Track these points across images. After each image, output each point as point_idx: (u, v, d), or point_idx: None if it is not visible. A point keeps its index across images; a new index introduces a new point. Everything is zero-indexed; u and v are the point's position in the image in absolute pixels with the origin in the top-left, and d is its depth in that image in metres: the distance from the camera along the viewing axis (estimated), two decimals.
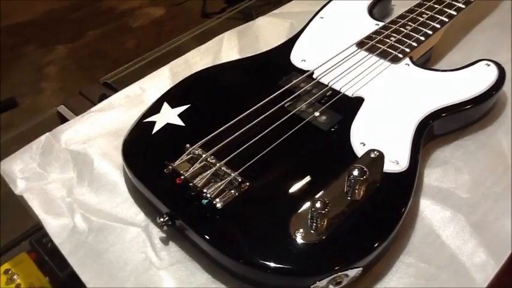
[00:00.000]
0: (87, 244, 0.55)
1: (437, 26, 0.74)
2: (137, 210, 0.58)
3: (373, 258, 0.50)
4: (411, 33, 0.73)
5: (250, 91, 0.67)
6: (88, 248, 0.54)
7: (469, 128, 0.66)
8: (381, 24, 0.76)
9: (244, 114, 0.61)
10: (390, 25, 0.75)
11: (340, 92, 0.65)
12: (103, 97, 0.74)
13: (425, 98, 0.63)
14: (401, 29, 0.74)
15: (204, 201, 0.51)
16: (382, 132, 0.59)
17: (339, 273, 0.47)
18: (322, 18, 0.80)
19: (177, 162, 0.55)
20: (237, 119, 0.60)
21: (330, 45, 0.73)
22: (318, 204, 0.49)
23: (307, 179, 0.54)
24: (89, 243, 0.55)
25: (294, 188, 0.53)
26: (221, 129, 0.59)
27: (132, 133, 0.62)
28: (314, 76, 0.67)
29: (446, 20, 0.75)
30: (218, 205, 0.51)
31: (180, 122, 0.62)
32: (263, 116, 0.60)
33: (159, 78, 0.75)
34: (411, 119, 0.60)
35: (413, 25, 0.74)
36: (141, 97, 0.73)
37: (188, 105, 0.64)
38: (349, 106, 0.63)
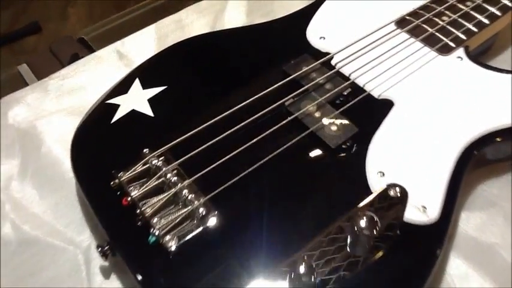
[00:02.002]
0: (10, 262, 0.43)
1: (510, 3, 0.55)
2: (84, 224, 0.46)
3: None
4: (472, 12, 0.55)
5: (246, 77, 0.51)
6: (10, 267, 0.43)
7: None
8: None
9: (230, 111, 0.46)
10: None
11: (364, 91, 0.48)
12: (74, 58, 0.60)
13: (480, 111, 0.46)
14: (459, 4, 0.56)
15: (151, 239, 0.38)
16: (411, 158, 0.43)
17: None
18: None
19: (127, 175, 0.42)
20: (219, 117, 0.45)
21: (361, 19, 0.56)
22: (301, 269, 0.35)
23: (298, 217, 0.40)
24: (13, 261, 0.43)
25: (278, 231, 0.39)
26: (195, 131, 0.44)
27: (88, 119, 0.49)
28: (333, 62, 0.51)
29: None
30: (169, 246, 0.38)
31: (148, 111, 0.48)
32: (254, 117, 0.45)
33: (143, 41, 0.60)
34: (455, 142, 0.44)
35: (479, 1, 0.56)
36: (118, 63, 0.58)
37: (164, 87, 0.50)
38: (371, 113, 0.47)
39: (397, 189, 0.41)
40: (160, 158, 0.42)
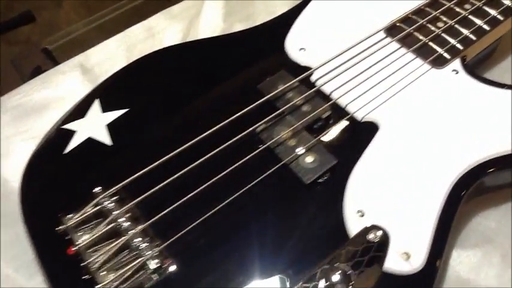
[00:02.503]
0: None
1: None
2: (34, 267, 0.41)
3: None
4: (471, 17, 0.49)
5: (217, 97, 0.46)
6: None
7: None
8: None
9: (196, 140, 0.41)
10: (441, 0, 0.50)
11: (346, 113, 0.43)
12: (36, 71, 0.55)
13: (477, 136, 0.40)
14: (457, 8, 0.49)
15: None
16: (396, 195, 0.38)
17: None
18: None
19: (75, 218, 0.37)
20: (182, 148, 0.40)
21: (347, 26, 0.50)
22: None
23: (265, 265, 0.35)
24: None
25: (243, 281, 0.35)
26: (154, 164, 0.40)
27: (42, 147, 0.44)
28: (313, 78, 0.46)
29: None
30: None
31: (106, 138, 0.43)
32: (221, 147, 0.40)
33: (109, 52, 0.55)
34: (447, 174, 0.38)
35: (477, 2, 0.50)
36: (82, 79, 0.53)
37: (125, 110, 0.45)
38: (353, 140, 0.41)
39: (378, 232, 0.36)
40: (114, 198, 0.38)
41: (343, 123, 0.42)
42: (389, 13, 0.50)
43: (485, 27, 0.48)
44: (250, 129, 0.41)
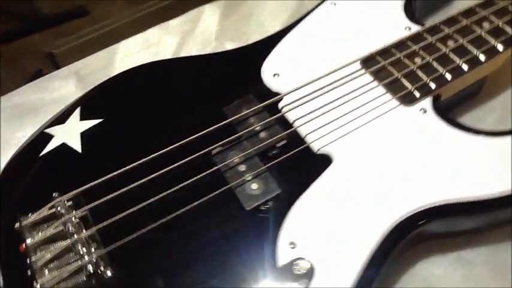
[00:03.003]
0: None
1: (500, 48, 0.48)
2: None
3: None
4: (451, 54, 0.48)
5: (184, 115, 0.48)
6: None
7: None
8: (415, 29, 0.51)
9: (154, 155, 0.43)
10: (426, 34, 0.50)
11: (303, 143, 0.44)
12: (37, 75, 0.60)
13: (430, 179, 0.40)
14: (439, 44, 0.49)
15: None
16: (333, 230, 0.38)
17: None
18: (335, 4, 0.55)
19: (30, 218, 0.41)
20: (141, 161, 0.43)
21: (326, 53, 0.51)
22: None
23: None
24: None
25: None
26: (111, 175, 0.42)
27: (23, 148, 0.48)
28: (281, 105, 0.47)
29: None
30: None
31: (77, 146, 0.46)
32: (176, 164, 0.42)
33: (103, 62, 0.58)
34: (387, 216, 0.38)
35: (462, 41, 0.48)
36: (76, 87, 0.57)
37: (100, 120, 0.48)
38: (304, 171, 0.42)
39: (303, 267, 0.36)
40: (68, 203, 0.41)
41: (299, 153, 0.43)
42: (370, 44, 0.50)
43: (464, 67, 0.47)
44: (206, 150, 0.43)
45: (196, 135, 0.44)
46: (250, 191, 0.41)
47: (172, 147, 0.43)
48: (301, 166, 0.43)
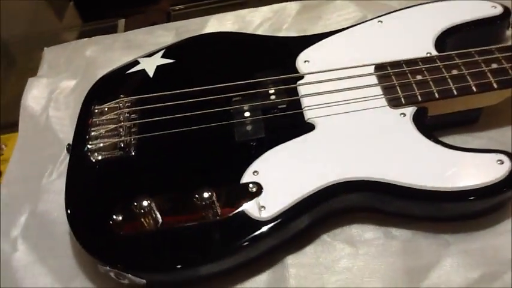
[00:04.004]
0: None
1: (495, 85, 0.55)
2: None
3: (166, 280, 0.48)
4: (448, 78, 0.56)
5: (230, 74, 0.61)
6: None
7: None
8: (433, 54, 0.60)
9: (194, 89, 0.59)
10: (437, 59, 0.58)
11: (300, 109, 0.56)
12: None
13: (375, 159, 0.51)
14: (444, 69, 0.57)
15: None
16: (289, 173, 0.51)
17: (120, 272, 0.47)
18: (381, 22, 0.66)
19: (103, 105, 0.59)
20: (185, 90, 0.59)
21: (353, 55, 0.62)
22: (144, 203, 0.48)
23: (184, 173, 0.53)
24: None
25: (160, 177, 0.53)
26: (162, 94, 0.59)
27: (120, 67, 0.67)
28: (300, 81, 0.59)
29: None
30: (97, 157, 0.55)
31: (151, 73, 0.64)
32: (206, 98, 0.58)
33: (196, 26, 0.77)
34: (332, 173, 0.50)
35: (464, 71, 0.56)
36: (173, 39, 0.76)
37: (173, 61, 0.66)
38: (289, 130, 0.55)
39: (255, 187, 0.50)
40: (127, 104, 0.59)
41: (292, 116, 0.56)
42: (392, 56, 0.60)
43: (454, 91, 0.55)
44: (228, 95, 0.58)
45: (226, 84, 0.59)
46: (244, 129, 0.55)
47: (209, 87, 0.59)
48: (289, 125, 0.55)
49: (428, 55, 0.60)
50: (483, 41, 0.64)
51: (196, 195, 0.48)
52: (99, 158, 0.55)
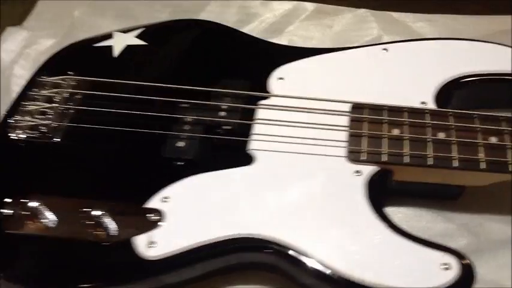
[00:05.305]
0: None
1: (482, 166, 0.43)
2: None
3: None
4: (430, 143, 0.45)
5: (196, 72, 0.56)
6: None
7: None
8: (428, 106, 0.49)
9: (145, 84, 0.52)
10: (427, 114, 0.47)
11: (246, 137, 0.48)
12: None
13: (306, 224, 0.42)
14: (430, 129, 0.46)
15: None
16: (202, 209, 0.44)
17: None
18: (385, 51, 0.55)
19: (49, 78, 0.54)
20: (134, 82, 0.52)
21: (337, 83, 0.52)
22: (32, 204, 0.44)
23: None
24: None
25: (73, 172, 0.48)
26: (109, 80, 0.53)
27: (91, 37, 0.62)
28: (262, 102, 0.51)
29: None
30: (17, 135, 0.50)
31: (118, 52, 0.58)
32: (150, 97, 0.51)
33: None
34: (246, 225, 0.42)
35: (453, 138, 0.45)
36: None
37: (145, 43, 0.59)
38: (223, 157, 0.47)
39: (156, 216, 0.43)
40: (73, 83, 0.54)
41: (234, 141, 0.48)
42: (380, 97, 0.50)
43: (429, 161, 0.44)
44: (177, 100, 0.50)
45: (181, 86, 0.51)
46: (175, 144, 0.48)
47: (162, 85, 0.52)
48: (226, 153, 0.48)
49: (422, 106, 0.49)
50: (501, 101, 0.53)
51: (85, 210, 0.42)
52: (17, 137, 0.50)
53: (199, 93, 0.51)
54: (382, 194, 0.45)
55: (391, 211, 0.47)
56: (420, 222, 0.47)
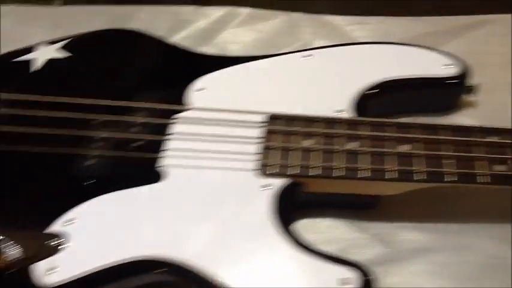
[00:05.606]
0: None
1: (389, 174, 0.42)
2: None
3: None
4: (343, 154, 0.44)
5: (119, 84, 0.54)
6: None
7: None
8: (343, 115, 0.47)
9: (58, 100, 0.50)
10: (344, 124, 0.46)
11: (156, 153, 0.46)
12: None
13: (210, 243, 0.41)
14: (344, 140, 0.45)
15: None
16: (107, 231, 0.42)
17: None
18: (310, 57, 0.53)
19: None
20: (46, 98, 0.50)
21: (258, 93, 0.51)
22: None
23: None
24: None
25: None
26: (20, 97, 0.51)
27: (17, 50, 0.60)
28: (179, 115, 0.49)
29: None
30: None
31: (38, 67, 0.56)
32: (61, 115, 0.49)
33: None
34: (147, 246, 0.41)
35: (366, 148, 0.44)
36: None
37: (69, 56, 0.57)
38: (131, 175, 0.45)
39: (57, 240, 0.41)
40: None
41: (144, 159, 0.46)
42: (300, 107, 0.48)
43: (340, 172, 0.43)
44: (88, 116, 0.49)
45: (97, 101, 0.50)
46: (82, 163, 0.46)
47: (75, 101, 0.50)
48: (134, 170, 0.46)
49: (337, 114, 0.47)
50: (426, 105, 0.51)
51: None
52: None
53: (116, 107, 0.50)
54: (294, 207, 0.44)
55: (306, 223, 0.46)
56: (334, 233, 0.45)
